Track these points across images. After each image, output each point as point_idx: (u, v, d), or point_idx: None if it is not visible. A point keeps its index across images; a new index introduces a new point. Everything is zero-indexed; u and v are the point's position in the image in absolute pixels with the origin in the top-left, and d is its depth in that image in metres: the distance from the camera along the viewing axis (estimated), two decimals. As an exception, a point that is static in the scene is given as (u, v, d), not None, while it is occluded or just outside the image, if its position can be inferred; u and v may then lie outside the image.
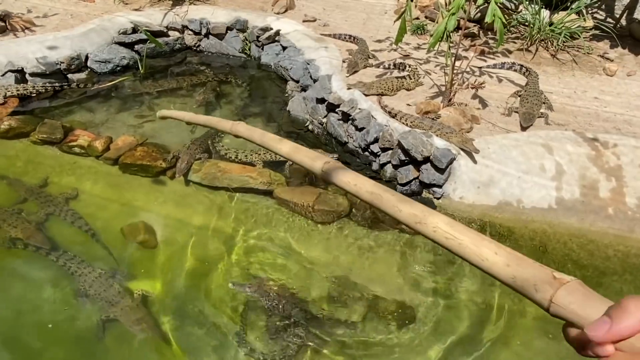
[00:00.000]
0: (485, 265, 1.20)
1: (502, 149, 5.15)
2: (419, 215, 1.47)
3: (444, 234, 1.35)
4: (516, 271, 1.11)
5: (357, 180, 1.73)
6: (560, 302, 0.96)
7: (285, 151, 1.99)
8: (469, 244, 1.26)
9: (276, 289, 4.18)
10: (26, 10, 7.55)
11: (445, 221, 1.39)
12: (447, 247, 1.38)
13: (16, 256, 4.43)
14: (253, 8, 8.16)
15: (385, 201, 1.62)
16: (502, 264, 1.15)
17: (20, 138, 5.69)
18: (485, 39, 7.39)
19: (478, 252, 1.22)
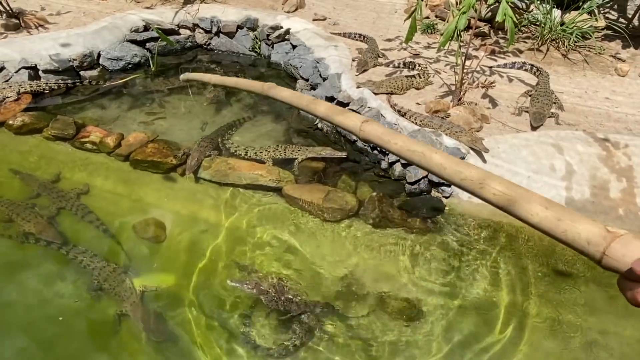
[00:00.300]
0: (534, 221, 1.20)
1: (512, 148, 5.14)
2: (464, 173, 1.49)
3: (492, 190, 1.35)
4: (568, 225, 1.12)
5: (397, 139, 1.75)
6: (613, 254, 0.97)
7: (322, 111, 1.97)
8: (519, 199, 1.27)
9: (276, 285, 4.20)
10: (40, 7, 7.64)
11: (495, 178, 1.40)
12: (495, 204, 1.38)
13: (28, 250, 4.49)
14: (263, 7, 8.19)
15: (428, 159, 1.66)
16: (553, 218, 1.15)
17: (33, 134, 5.77)
18: (495, 39, 7.37)
19: (528, 208, 1.22)
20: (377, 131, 1.79)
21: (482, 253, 4.63)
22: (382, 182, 5.44)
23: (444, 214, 4.97)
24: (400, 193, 5.25)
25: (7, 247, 4.51)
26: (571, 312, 4.17)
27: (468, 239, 4.76)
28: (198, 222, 4.90)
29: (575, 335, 4.01)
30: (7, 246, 4.51)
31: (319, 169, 5.57)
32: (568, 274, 4.47)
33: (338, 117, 1.90)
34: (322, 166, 5.61)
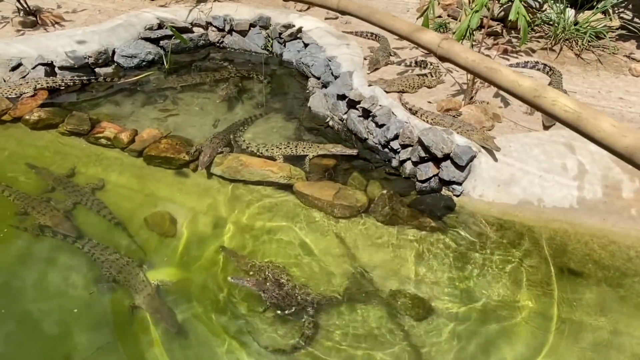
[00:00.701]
0: (600, 136, 1.26)
1: (523, 147, 5.12)
2: (539, 90, 1.57)
3: (563, 107, 1.43)
4: (634, 141, 1.17)
5: (475, 56, 1.83)
6: None
7: (399, 27, 2.00)
8: (587, 116, 1.34)
9: (273, 274, 4.24)
10: (56, 5, 7.76)
11: (565, 96, 1.48)
12: (564, 120, 1.46)
13: (44, 243, 4.57)
14: (276, 5, 8.24)
15: (503, 75, 1.72)
16: (618, 135, 1.21)
17: (49, 129, 5.87)
18: (508, 38, 7.34)
19: (595, 124, 1.29)
20: (454, 49, 1.86)
21: (492, 252, 4.63)
22: (393, 180, 5.46)
23: (454, 212, 4.97)
24: (410, 191, 5.27)
25: (23, 239, 4.60)
26: (582, 311, 4.15)
27: (478, 237, 4.76)
28: (209, 217, 4.95)
29: (587, 334, 4.00)
30: (23, 239, 4.60)
31: (329, 166, 5.60)
32: (579, 273, 4.45)
33: (416, 34, 1.97)
34: (333, 163, 5.64)
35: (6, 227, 4.66)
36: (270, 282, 4.18)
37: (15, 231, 4.63)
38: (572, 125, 1.47)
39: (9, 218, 4.74)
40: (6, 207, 4.84)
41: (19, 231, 4.63)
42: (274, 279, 4.23)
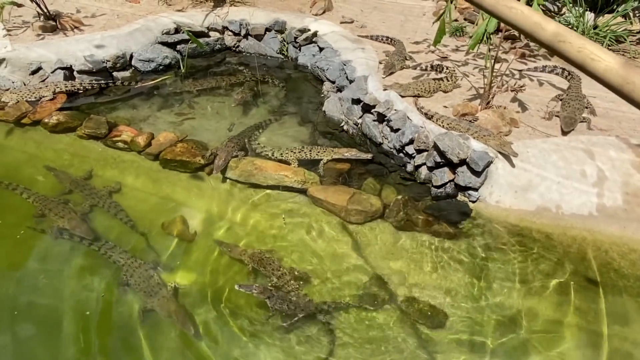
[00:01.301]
0: (629, 89, 1.24)
1: (541, 153, 5.04)
2: (564, 35, 1.46)
3: (590, 54, 1.36)
4: None
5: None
6: None
7: None
8: (615, 66, 1.31)
9: (283, 289, 4.22)
10: (75, 10, 7.88)
11: (595, 45, 1.41)
12: (590, 68, 1.39)
13: (61, 245, 4.63)
14: (291, 9, 8.27)
15: (525, 17, 1.58)
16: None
17: (67, 132, 5.95)
18: (526, 42, 7.25)
19: (625, 76, 1.26)
20: None
21: (509, 259, 4.56)
22: (408, 185, 5.42)
23: (470, 218, 4.91)
24: (425, 196, 5.22)
25: (40, 241, 4.66)
26: (601, 321, 4.06)
27: (495, 244, 4.69)
28: (223, 221, 4.97)
29: (605, 345, 3.91)
30: (40, 240, 4.66)
31: (344, 171, 5.58)
32: (598, 282, 4.36)
33: None
34: (347, 168, 5.61)
35: (24, 228, 4.73)
36: (276, 289, 4.17)
37: (33, 233, 4.70)
38: (603, 80, 1.40)
39: (27, 220, 4.81)
40: (25, 209, 4.92)
41: (36, 233, 4.70)
42: (289, 284, 4.23)
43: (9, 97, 6.20)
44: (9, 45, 6.83)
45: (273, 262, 4.40)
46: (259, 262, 4.43)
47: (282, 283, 4.25)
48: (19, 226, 4.76)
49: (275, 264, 4.38)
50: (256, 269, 4.43)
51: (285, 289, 4.22)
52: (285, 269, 4.38)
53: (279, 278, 4.27)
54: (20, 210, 4.93)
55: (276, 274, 4.30)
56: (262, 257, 4.45)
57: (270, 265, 4.37)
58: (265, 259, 4.43)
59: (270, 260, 4.42)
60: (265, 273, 4.39)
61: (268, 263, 4.39)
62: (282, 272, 4.33)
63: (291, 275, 4.32)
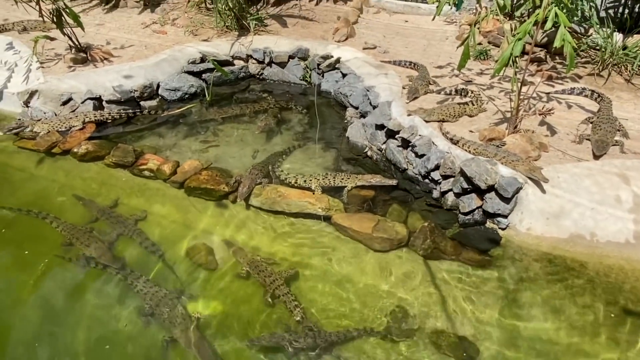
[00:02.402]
0: None
1: (573, 178, 4.88)
2: None
3: None
4: None
5: None
6: None
7: None
8: None
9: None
10: (105, 42, 8.14)
11: None
12: None
13: (87, 273, 4.65)
14: (314, 37, 8.36)
15: None
16: None
17: (95, 161, 6.07)
18: (552, 64, 7.13)
19: None
20: None
21: (542, 290, 4.38)
22: (434, 212, 5.30)
23: (500, 246, 4.76)
24: (453, 224, 5.09)
25: (67, 269, 4.70)
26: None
27: (527, 274, 4.52)
28: (248, 249, 4.93)
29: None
30: (67, 269, 4.70)
31: (368, 198, 5.51)
32: (637, 313, 4.13)
33: None
34: (372, 194, 5.54)
35: (50, 256, 4.78)
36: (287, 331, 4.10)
37: (60, 261, 4.75)
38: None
39: (55, 248, 4.87)
40: (53, 237, 4.98)
41: (63, 261, 4.74)
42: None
43: (40, 127, 6.38)
44: (41, 77, 7.07)
45: (266, 269, 4.54)
46: (254, 268, 4.56)
47: (273, 288, 4.37)
48: (47, 255, 4.81)
49: (268, 271, 4.51)
50: (249, 273, 4.58)
51: (281, 298, 4.31)
52: (278, 274, 4.49)
53: (270, 284, 4.39)
54: (48, 238, 4.99)
55: (268, 280, 4.42)
56: (259, 264, 4.58)
57: (263, 272, 4.49)
58: (260, 266, 4.56)
59: (265, 267, 4.56)
60: (259, 279, 4.49)
61: (261, 270, 4.52)
62: (275, 279, 4.42)
63: (283, 280, 4.43)
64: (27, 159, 6.12)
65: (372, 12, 9.36)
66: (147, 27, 8.73)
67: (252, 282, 4.56)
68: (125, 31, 8.59)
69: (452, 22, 8.79)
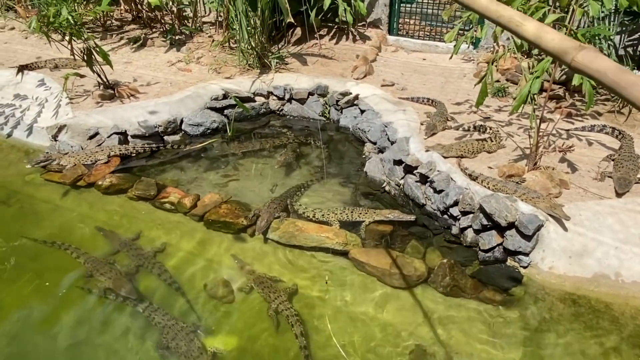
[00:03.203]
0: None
1: (595, 216, 4.80)
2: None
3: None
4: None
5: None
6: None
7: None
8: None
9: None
10: (132, 79, 8.46)
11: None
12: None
13: (106, 305, 4.70)
14: (334, 74, 8.55)
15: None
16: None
17: (119, 194, 6.20)
18: (571, 101, 7.13)
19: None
20: None
21: (566, 331, 4.24)
22: (453, 248, 5.24)
23: (521, 285, 4.66)
24: (472, 261, 5.02)
25: (86, 301, 4.75)
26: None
27: (550, 314, 4.40)
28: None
29: None
30: (86, 300, 4.75)
31: (386, 233, 5.49)
32: (670, 359, 3.96)
33: None
34: (390, 230, 5.52)
35: (72, 287, 4.84)
36: None
37: (80, 292, 4.81)
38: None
39: (76, 279, 4.94)
40: (74, 269, 5.06)
41: (83, 292, 4.80)
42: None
43: (67, 161, 6.58)
44: (70, 113, 7.35)
45: (272, 286, 4.71)
46: (260, 285, 4.73)
47: (277, 304, 4.51)
48: (67, 286, 4.87)
49: (272, 287, 4.68)
50: (253, 289, 4.77)
51: (283, 312, 4.45)
52: (283, 292, 4.65)
53: (274, 300, 4.54)
54: (70, 269, 5.07)
55: (272, 296, 4.57)
56: (264, 281, 4.76)
57: (268, 289, 4.65)
58: (265, 282, 4.74)
59: (271, 284, 4.73)
60: (263, 296, 4.64)
61: (267, 286, 4.68)
62: (278, 295, 4.57)
63: (286, 297, 4.59)
64: (53, 191, 6.30)
65: (390, 50, 9.56)
66: (173, 65, 9.06)
67: (269, 317, 4.52)
68: (151, 69, 8.92)
69: (470, 60, 8.91)
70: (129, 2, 10.93)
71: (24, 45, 10.14)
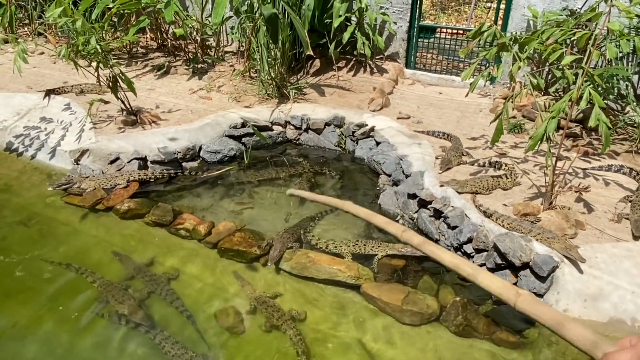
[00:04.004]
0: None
1: (612, 258, 4.73)
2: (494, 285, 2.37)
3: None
4: None
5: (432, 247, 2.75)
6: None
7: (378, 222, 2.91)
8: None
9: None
10: (155, 105, 8.68)
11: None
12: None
13: (118, 330, 4.74)
14: (350, 106, 8.67)
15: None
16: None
17: (136, 219, 6.31)
18: (588, 140, 7.11)
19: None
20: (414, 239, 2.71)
21: (581, 377, 4.15)
22: (466, 286, 5.18)
23: (535, 327, 4.57)
24: (486, 300, 4.96)
25: (98, 325, 4.80)
26: None
27: (564, 358, 4.30)
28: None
29: None
30: (98, 325, 4.80)
31: (398, 267, 5.47)
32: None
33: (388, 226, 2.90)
34: (402, 264, 5.50)
35: (84, 312, 4.90)
36: None
37: (94, 316, 4.86)
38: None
39: (89, 304, 5.00)
40: (88, 293, 5.13)
41: (97, 317, 4.85)
42: None
43: (87, 184, 6.74)
44: (93, 137, 7.56)
45: (273, 304, 4.88)
46: (262, 304, 4.90)
47: (280, 323, 4.69)
48: (80, 310, 4.93)
49: (275, 307, 4.84)
50: (256, 308, 4.94)
51: (282, 327, 4.63)
52: (284, 311, 4.81)
53: (277, 319, 4.71)
54: (83, 294, 5.14)
55: (275, 315, 4.74)
56: (265, 300, 4.93)
57: (271, 308, 4.83)
58: (267, 301, 4.91)
59: (271, 302, 4.90)
60: (266, 314, 4.82)
61: (270, 305, 4.85)
62: (281, 314, 4.74)
63: (290, 316, 4.76)
64: (72, 214, 6.44)
65: (407, 83, 9.68)
66: (194, 92, 9.29)
67: (279, 349, 4.52)
68: (173, 96, 9.16)
69: (486, 95, 8.97)
70: (155, 31, 11.30)
71: (52, 70, 10.51)
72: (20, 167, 7.59)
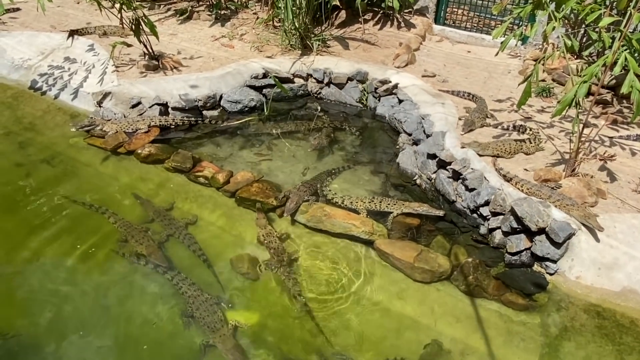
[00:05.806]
0: None
1: (630, 229, 4.68)
2: None
3: None
4: None
5: None
6: None
7: None
8: None
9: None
10: (177, 51, 8.60)
11: None
12: None
13: (137, 270, 4.92)
14: (375, 61, 8.47)
15: None
16: None
17: (156, 164, 6.40)
18: (619, 107, 6.88)
19: None
20: None
21: (587, 342, 4.20)
22: (480, 248, 5.22)
23: (546, 292, 4.61)
24: (498, 262, 4.98)
25: (119, 264, 4.98)
26: None
27: (572, 324, 4.35)
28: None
29: None
30: (119, 264, 4.98)
31: (413, 226, 5.50)
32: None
33: None
34: (417, 223, 5.53)
35: (106, 250, 5.08)
36: None
37: (114, 255, 5.04)
38: None
39: (111, 243, 5.17)
40: (109, 232, 5.30)
41: (117, 256, 5.03)
42: None
43: (110, 127, 6.82)
44: (115, 81, 7.57)
45: (278, 247, 5.07)
46: (268, 243, 5.09)
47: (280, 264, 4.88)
48: (102, 248, 5.11)
49: (280, 249, 5.06)
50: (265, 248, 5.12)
51: (280, 271, 4.81)
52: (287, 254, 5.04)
53: (278, 256, 4.94)
54: (105, 232, 5.31)
55: (280, 257, 4.96)
56: (274, 239, 5.17)
57: (274, 249, 5.03)
58: (274, 242, 5.12)
59: (278, 245, 5.08)
60: (268, 250, 5.04)
61: (274, 247, 5.04)
62: (282, 258, 4.92)
63: (287, 256, 4.99)
64: (94, 156, 6.56)
65: (434, 40, 9.38)
66: (217, 40, 9.16)
67: (289, 296, 4.65)
68: (195, 42, 9.05)
69: (517, 56, 8.66)
70: (178, -26, 11.02)
71: (75, 10, 10.43)
72: (44, 107, 7.68)
